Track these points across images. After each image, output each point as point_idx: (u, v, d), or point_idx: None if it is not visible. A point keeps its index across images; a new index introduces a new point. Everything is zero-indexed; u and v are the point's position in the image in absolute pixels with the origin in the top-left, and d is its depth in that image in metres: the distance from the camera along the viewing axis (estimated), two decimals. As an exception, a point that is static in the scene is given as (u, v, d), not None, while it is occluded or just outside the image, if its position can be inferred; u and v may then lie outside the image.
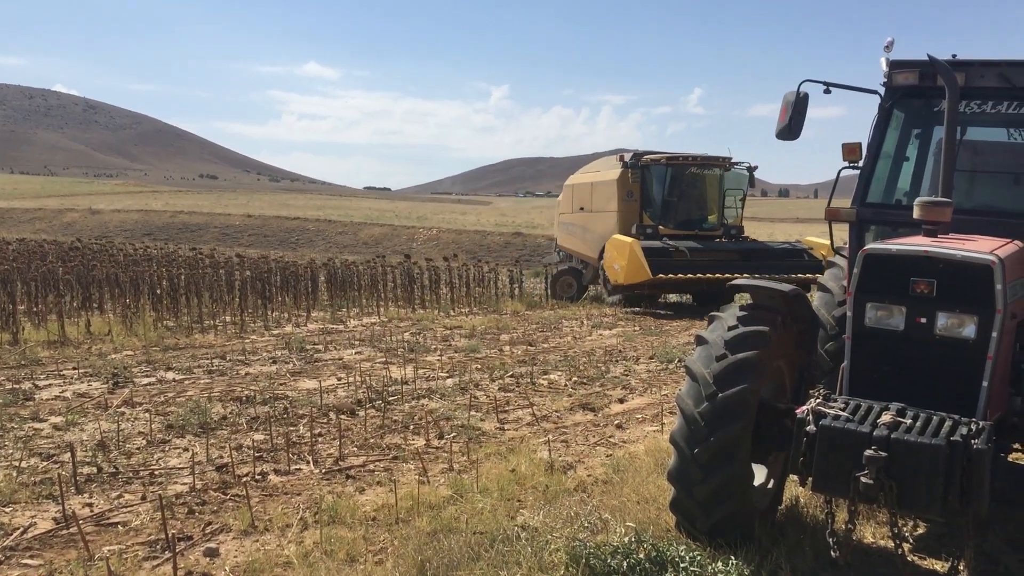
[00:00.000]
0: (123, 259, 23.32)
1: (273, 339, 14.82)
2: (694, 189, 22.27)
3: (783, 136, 6.42)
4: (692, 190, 22.23)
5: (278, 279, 20.97)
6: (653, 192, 21.95)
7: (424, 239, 51.94)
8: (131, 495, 6.20)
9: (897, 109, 6.53)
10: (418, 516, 5.61)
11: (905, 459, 4.19)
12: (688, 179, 22.14)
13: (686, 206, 22.11)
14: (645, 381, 11.55)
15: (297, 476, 6.77)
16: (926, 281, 4.69)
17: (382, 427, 8.44)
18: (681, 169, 21.97)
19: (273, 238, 53.56)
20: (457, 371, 11.83)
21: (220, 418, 8.67)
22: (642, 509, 5.71)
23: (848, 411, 4.51)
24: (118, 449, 7.40)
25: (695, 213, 22.20)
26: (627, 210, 22.01)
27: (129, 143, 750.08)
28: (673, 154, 22.27)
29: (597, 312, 20.90)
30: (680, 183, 22.00)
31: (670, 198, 21.86)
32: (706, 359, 5.20)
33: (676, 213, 21.91)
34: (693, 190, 22.24)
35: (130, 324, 15.19)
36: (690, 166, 22.04)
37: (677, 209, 21.93)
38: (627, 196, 22.00)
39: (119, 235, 49.64)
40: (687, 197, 22.13)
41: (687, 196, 22.13)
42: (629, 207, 22.00)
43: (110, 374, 10.92)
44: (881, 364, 4.90)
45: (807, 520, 5.82)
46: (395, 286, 22.55)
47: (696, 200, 22.31)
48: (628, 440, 8.25)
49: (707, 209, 22.33)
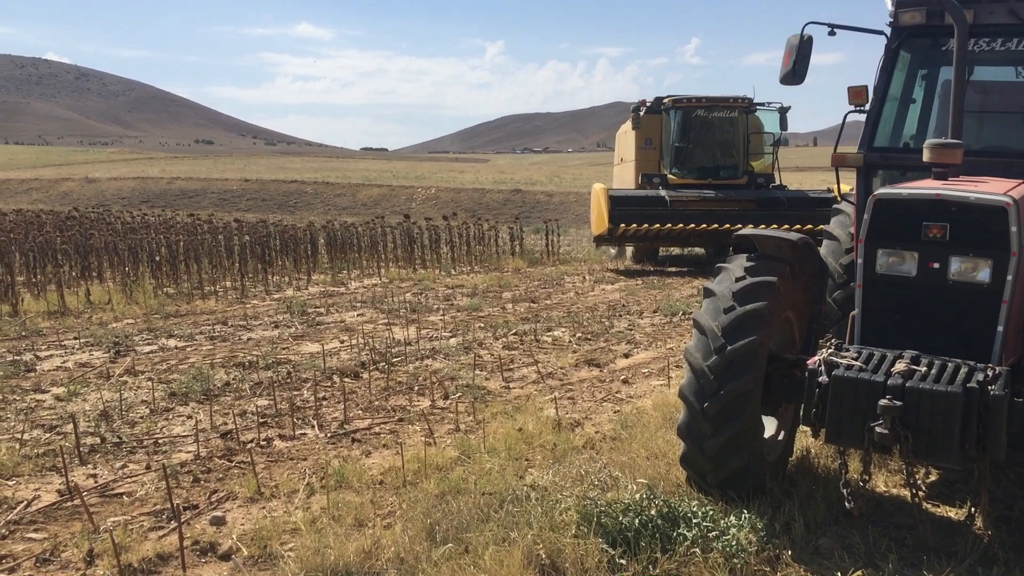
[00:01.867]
0: (121, 227, 23.18)
1: (274, 303, 14.74)
2: (710, 134, 20.48)
3: (787, 81, 6.26)
4: (708, 135, 20.46)
5: (277, 243, 20.84)
6: (663, 138, 20.73)
7: (423, 199, 51.73)
8: (135, 465, 6.14)
9: (903, 50, 6.36)
10: (426, 478, 5.55)
11: (921, 408, 4.11)
12: (702, 123, 20.34)
13: (701, 153, 20.39)
14: (649, 335, 11.47)
15: (302, 441, 6.70)
16: (938, 225, 4.57)
17: (386, 389, 8.37)
18: (690, 112, 20.27)
19: (271, 202, 53.34)
20: (460, 330, 11.75)
21: (223, 384, 8.60)
22: (652, 465, 5.64)
23: (861, 360, 4.42)
24: (121, 419, 7.33)
25: (711, 160, 20.39)
26: (644, 158, 20.92)
27: (123, 110, 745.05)
28: (681, 96, 20.64)
29: (599, 267, 20.79)
30: (693, 128, 20.33)
31: (682, 144, 20.32)
32: (714, 312, 5.10)
33: (690, 160, 20.33)
34: (709, 135, 20.47)
35: (130, 292, 15.09)
36: (700, 108, 20.26)
37: (692, 156, 20.35)
38: (645, 144, 20.94)
39: (116, 203, 49.41)
40: (703, 143, 20.41)
41: (703, 142, 20.41)
42: (647, 155, 20.89)
43: (111, 343, 10.84)
44: (893, 311, 4.79)
45: (819, 471, 5.76)
46: (395, 247, 22.43)
47: (713, 146, 20.49)
48: (635, 395, 8.18)
49: (727, 156, 20.48)
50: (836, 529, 4.90)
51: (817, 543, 4.69)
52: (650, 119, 20.92)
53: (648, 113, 21.03)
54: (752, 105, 20.45)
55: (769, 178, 20.83)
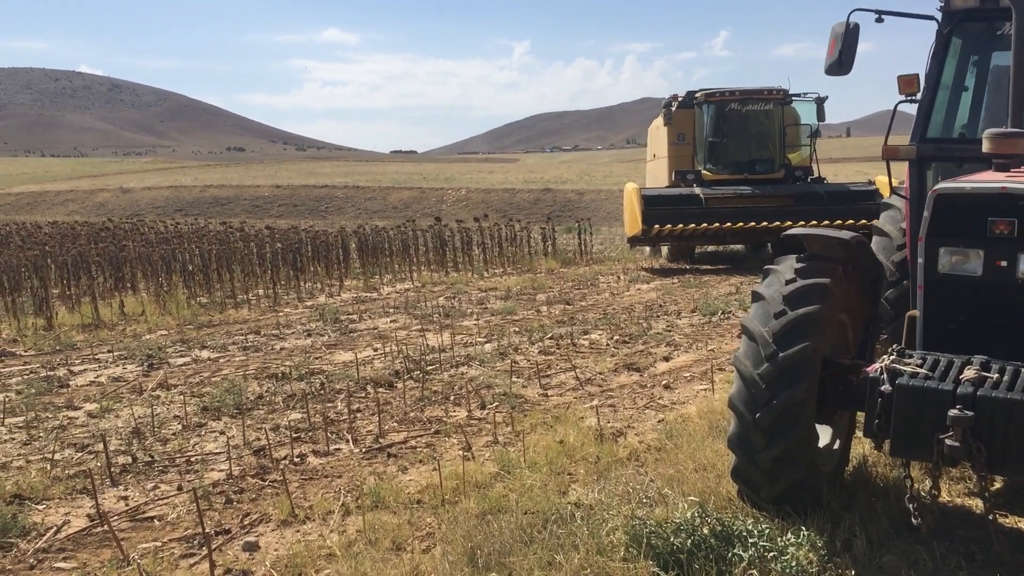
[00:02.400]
0: (154, 237, 23.24)
1: (307, 311, 14.62)
2: (745, 127, 19.81)
3: (833, 71, 5.98)
4: (742, 129, 19.78)
5: (309, 249, 20.75)
6: (696, 133, 20.10)
7: (453, 200, 51.60)
8: (167, 485, 5.98)
9: (955, 36, 6.06)
10: (465, 496, 5.33)
11: (994, 417, 3.83)
12: (736, 116, 19.65)
13: (736, 147, 19.71)
14: (689, 336, 11.19)
15: (336, 457, 6.52)
16: (1006, 220, 4.28)
17: (421, 399, 8.17)
18: (723, 105, 19.61)
19: (302, 207, 53.47)
20: (495, 335, 11.54)
21: (256, 397, 8.45)
22: (701, 478, 5.38)
23: (927, 367, 4.13)
24: (153, 436, 7.20)
25: (746, 154, 19.74)
26: (677, 154, 20.43)
27: (155, 120, 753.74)
28: (713, 89, 19.99)
29: (633, 266, 20.48)
30: (727, 122, 19.66)
31: (716, 139, 19.68)
32: (763, 316, 4.84)
33: (725, 155, 19.69)
34: (743, 129, 19.80)
35: (163, 303, 15.05)
36: (732, 101, 19.58)
37: (726, 151, 19.69)
38: (678, 139, 20.43)
39: (151, 212, 49.77)
40: (737, 137, 19.76)
41: (737, 136, 19.76)
42: (680, 151, 20.41)
43: (145, 356, 10.76)
44: (958, 314, 4.51)
45: (877, 481, 5.48)
46: (427, 250, 22.26)
47: (748, 140, 19.86)
48: (678, 401, 7.92)
49: (763, 149, 19.85)
50: (900, 545, 4.61)
51: (881, 561, 4.41)
52: (682, 114, 20.42)
53: (680, 108, 20.49)
54: (788, 96, 19.82)
55: (807, 171, 20.24)
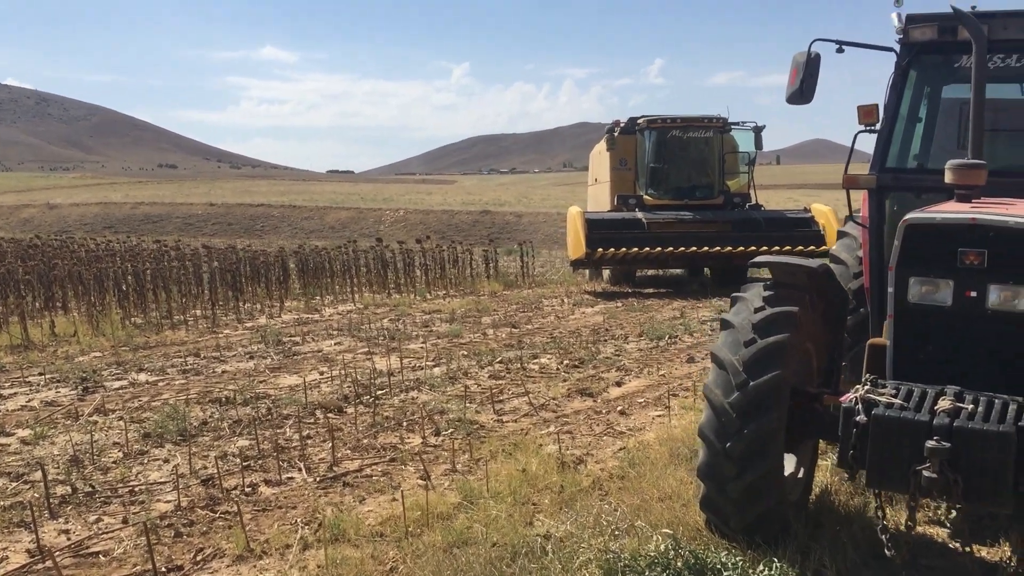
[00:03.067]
0: (85, 255, 22.54)
1: (247, 332, 14.28)
2: (685, 154, 20.27)
3: (794, 100, 6.00)
4: (682, 155, 20.25)
5: (248, 269, 20.33)
6: (638, 159, 20.55)
7: (391, 221, 51.28)
8: (111, 518, 5.70)
9: (911, 68, 6.14)
10: (429, 528, 5.17)
11: (971, 449, 3.82)
12: (677, 143, 20.11)
13: (676, 173, 20.20)
14: (638, 361, 11.17)
15: (290, 486, 6.29)
16: (975, 251, 4.30)
17: (374, 425, 7.98)
18: (664, 132, 20.05)
19: (237, 226, 52.61)
20: (443, 359, 11.39)
21: (200, 423, 8.16)
22: (667, 508, 5.31)
23: (901, 397, 4.12)
24: (93, 464, 6.88)
25: (687, 180, 20.21)
26: (619, 179, 20.79)
27: (84, 135, 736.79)
28: (655, 116, 20.44)
29: (576, 289, 20.50)
30: (668, 148, 20.10)
31: (657, 165, 20.15)
32: (733, 345, 4.80)
33: (666, 181, 20.16)
34: (684, 155, 20.26)
35: (96, 323, 14.56)
36: (673, 128, 20.07)
37: (668, 177, 20.17)
38: (620, 164, 20.80)
39: (79, 229, 48.50)
40: (678, 163, 20.23)
41: (678, 162, 20.22)
42: (622, 176, 20.77)
43: (79, 379, 10.35)
44: (927, 343, 4.51)
45: (840, 509, 5.48)
46: (368, 271, 22.00)
47: (688, 166, 20.32)
48: (634, 428, 7.86)
49: (702, 175, 20.32)
50: (868, 574, 4.60)
51: (853, 592, 4.39)
52: (625, 140, 20.76)
53: (622, 134, 20.83)
54: (727, 125, 20.35)
55: (745, 197, 20.72)
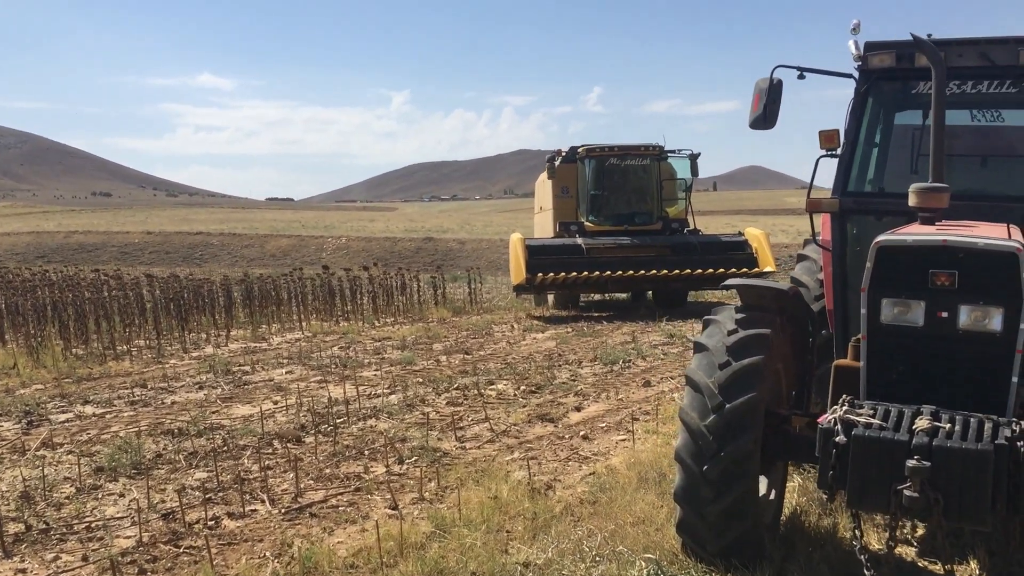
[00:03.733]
0: (20, 284, 21.92)
1: (194, 362, 13.98)
2: (623, 181, 20.83)
3: (758, 126, 6.10)
4: (621, 182, 20.81)
5: (192, 297, 19.93)
6: (579, 187, 21.01)
7: (333, 248, 50.87)
8: (69, 555, 5.49)
9: (869, 94, 6.28)
10: (403, 558, 5.08)
11: (951, 468, 3.87)
12: (614, 171, 20.70)
13: (616, 200, 20.76)
14: (595, 386, 11.18)
15: (254, 518, 6.14)
16: (946, 272, 4.38)
17: (335, 455, 7.84)
18: (603, 160, 20.67)
19: (176, 254, 51.75)
20: (399, 386, 11.27)
21: (154, 456, 7.94)
22: (642, 532, 5.30)
23: (879, 417, 4.17)
24: (45, 500, 6.64)
25: (626, 207, 20.77)
26: (561, 207, 21.22)
27: (15, 163, 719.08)
28: (594, 145, 21.04)
29: (524, 315, 20.49)
30: (607, 176, 20.69)
31: (597, 192, 20.71)
32: (708, 367, 4.83)
33: (606, 208, 20.73)
34: (622, 182, 20.82)
35: (36, 355, 14.13)
36: (612, 157, 20.67)
37: (607, 203, 20.73)
38: (562, 192, 21.27)
39: (10, 259, 47.20)
40: (617, 190, 20.78)
41: (617, 189, 20.78)
42: (564, 203, 21.22)
43: (22, 412, 10.02)
44: (900, 364, 4.58)
45: (810, 530, 5.51)
46: (315, 298, 21.73)
47: (627, 193, 20.85)
48: (599, 452, 7.84)
49: (641, 202, 20.88)
50: (845, 596, 4.64)
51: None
52: (566, 168, 21.25)
53: (564, 162, 21.35)
54: (663, 152, 20.93)
55: (683, 223, 21.34)
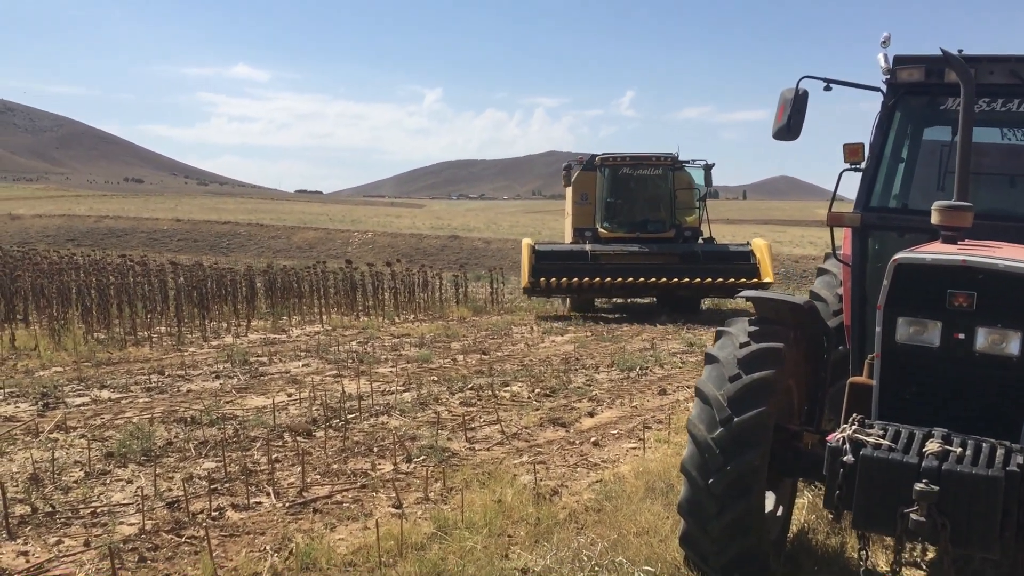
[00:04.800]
0: (48, 267, 22.16)
1: (213, 351, 14.05)
2: (638, 190, 21.37)
3: (781, 136, 6.00)
4: (636, 191, 21.36)
5: (214, 286, 20.05)
6: (596, 194, 21.51)
7: (359, 243, 50.97)
8: (72, 540, 5.51)
9: (897, 108, 6.18)
10: (402, 558, 5.05)
11: (959, 493, 3.78)
12: (629, 180, 21.30)
13: (630, 208, 21.25)
14: (610, 392, 11.11)
15: (258, 511, 6.13)
16: (965, 294, 4.29)
17: (344, 450, 7.83)
18: (617, 169, 21.27)
19: (203, 243, 52.05)
20: (413, 384, 11.26)
21: (165, 443, 7.97)
22: (644, 543, 5.23)
23: (889, 438, 4.08)
24: (53, 483, 6.68)
25: (639, 215, 21.22)
26: (580, 213, 21.73)
27: (50, 146, 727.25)
28: (610, 154, 21.62)
29: (545, 318, 20.44)
30: (622, 184, 21.27)
31: (612, 199, 21.24)
32: (718, 380, 4.76)
33: (620, 215, 21.21)
34: (637, 191, 21.36)
35: (58, 338, 14.26)
36: (626, 166, 21.27)
37: (622, 211, 21.22)
38: (581, 199, 21.73)
39: (41, 241, 47.70)
40: (631, 198, 21.31)
41: (631, 197, 21.31)
42: (583, 210, 21.70)
43: (39, 394, 10.11)
44: (914, 384, 4.49)
45: (818, 548, 5.43)
46: (336, 292, 21.80)
47: (641, 201, 21.34)
48: (608, 460, 7.78)
49: (654, 210, 21.24)
50: (848, 616, 4.56)
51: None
52: (586, 176, 21.77)
53: (584, 171, 21.90)
54: (677, 162, 21.33)
55: (696, 231, 21.61)
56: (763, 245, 20.03)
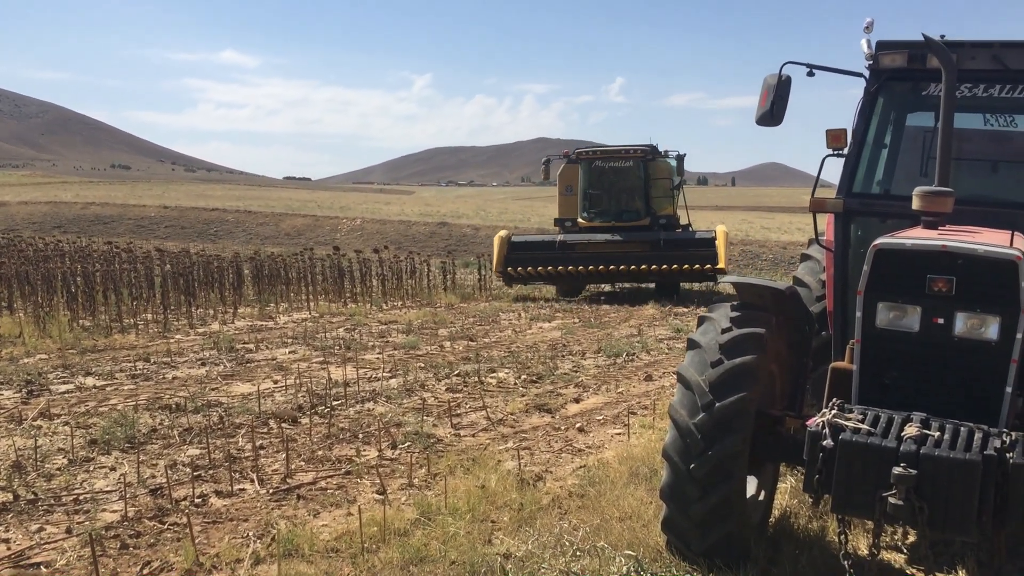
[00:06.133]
0: (33, 254, 22.04)
1: (199, 338, 14.01)
2: (613, 181, 22.42)
3: (764, 122, 5.99)
4: (612, 182, 22.41)
5: (201, 273, 19.97)
6: (577, 186, 22.63)
7: (348, 229, 50.83)
8: (54, 527, 5.50)
9: (879, 94, 6.18)
10: (385, 544, 5.05)
11: (937, 477, 3.81)
12: (604, 172, 22.40)
13: (607, 199, 22.38)
14: (596, 378, 11.13)
15: (241, 498, 6.13)
16: (944, 279, 4.31)
17: (329, 436, 7.83)
18: (590, 162, 22.46)
19: (191, 230, 51.83)
20: (400, 370, 11.25)
21: (149, 430, 7.95)
22: (627, 528, 5.25)
23: (868, 423, 4.10)
24: (36, 470, 6.66)
25: (615, 205, 22.34)
26: (565, 204, 22.81)
27: (36, 132, 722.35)
28: (585, 148, 23.31)
29: (533, 304, 20.49)
30: (598, 176, 22.38)
31: (590, 191, 22.35)
32: (700, 365, 4.77)
33: (597, 205, 22.35)
34: (612, 182, 22.42)
35: (43, 325, 14.20)
36: (598, 159, 22.49)
37: (600, 201, 22.35)
38: (566, 191, 22.87)
39: (27, 228, 47.45)
40: (608, 189, 22.40)
41: (608, 188, 22.40)
42: (567, 201, 22.79)
43: (23, 381, 10.07)
44: (893, 369, 4.51)
45: (799, 532, 5.46)
46: (324, 279, 21.76)
47: (617, 192, 22.42)
48: (593, 445, 7.79)
49: (629, 200, 22.30)
50: (829, 601, 4.58)
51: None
52: (571, 168, 22.91)
53: (569, 163, 23.04)
54: (649, 154, 22.28)
55: (673, 220, 22.52)
56: (721, 233, 20.93)
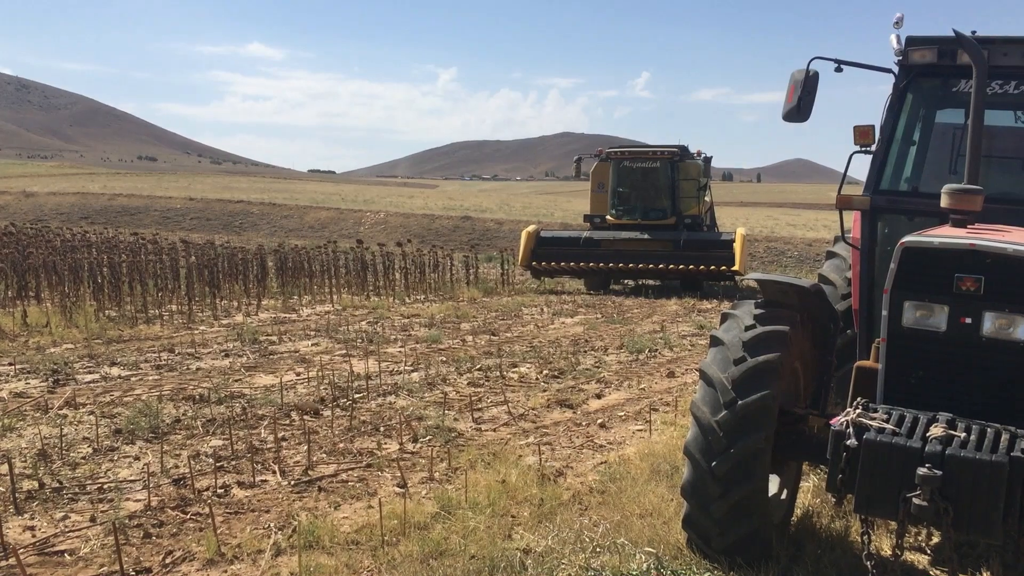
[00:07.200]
0: (60, 244, 22.23)
1: (223, 329, 14.09)
2: (641, 180, 23.17)
3: (791, 118, 5.95)
4: (640, 181, 23.17)
5: (225, 265, 20.08)
6: (608, 184, 23.35)
7: (372, 223, 50.96)
8: (78, 515, 5.54)
9: (908, 90, 6.11)
10: (405, 537, 5.06)
11: (962, 478, 3.76)
12: (633, 171, 23.21)
13: (635, 197, 23.17)
14: (618, 374, 11.10)
15: (263, 489, 6.16)
16: (972, 278, 4.25)
17: (350, 429, 7.85)
18: (620, 162, 23.29)
19: (216, 222, 52.14)
20: (422, 364, 11.27)
21: (173, 421, 8.00)
22: (647, 525, 5.23)
23: (893, 423, 4.06)
24: (61, 459, 6.72)
25: (642, 204, 23.08)
26: (596, 200, 23.63)
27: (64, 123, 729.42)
28: (616, 148, 24.37)
29: (556, 299, 20.48)
30: (627, 175, 23.19)
31: (619, 189, 23.20)
32: (722, 362, 4.74)
33: (625, 203, 23.18)
34: (641, 181, 23.17)
35: (70, 315, 14.33)
36: (626, 159, 23.31)
37: (628, 200, 23.19)
38: (598, 188, 23.66)
39: (55, 219, 47.90)
40: (636, 188, 23.19)
41: (636, 187, 23.19)
42: (599, 198, 23.59)
43: (50, 370, 10.16)
44: (920, 368, 4.46)
45: (822, 532, 5.42)
46: (347, 272, 21.84)
47: (645, 191, 23.15)
48: (615, 441, 7.77)
49: (656, 200, 22.94)
50: (850, 601, 4.54)
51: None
52: (603, 166, 23.77)
53: (602, 161, 23.90)
54: (678, 155, 22.98)
55: (698, 219, 23.28)
56: (740, 236, 21.24)
